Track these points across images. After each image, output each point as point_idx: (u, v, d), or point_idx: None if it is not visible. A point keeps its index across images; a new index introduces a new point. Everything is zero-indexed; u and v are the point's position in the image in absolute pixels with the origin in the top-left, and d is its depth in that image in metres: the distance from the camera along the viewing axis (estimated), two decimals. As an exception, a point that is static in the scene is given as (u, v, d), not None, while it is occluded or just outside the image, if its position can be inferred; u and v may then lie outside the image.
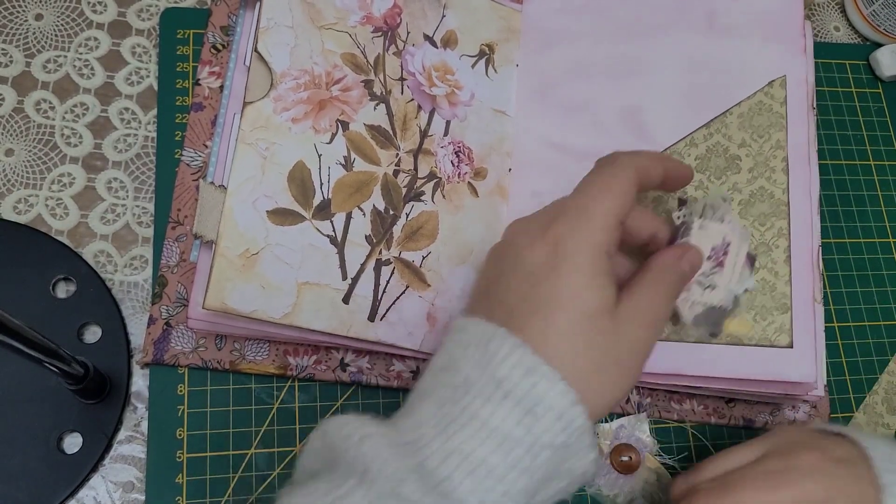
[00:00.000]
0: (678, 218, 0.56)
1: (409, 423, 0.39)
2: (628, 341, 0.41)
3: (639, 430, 0.59)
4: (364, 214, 0.55)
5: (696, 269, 0.48)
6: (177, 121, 0.61)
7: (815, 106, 0.63)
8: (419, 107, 0.59)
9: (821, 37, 0.75)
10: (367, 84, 0.57)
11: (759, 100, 0.61)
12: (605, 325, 0.40)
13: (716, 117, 0.61)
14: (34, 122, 0.60)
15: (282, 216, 0.53)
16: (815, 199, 0.60)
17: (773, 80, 0.62)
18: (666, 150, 0.61)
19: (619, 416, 0.59)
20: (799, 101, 0.61)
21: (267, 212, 0.52)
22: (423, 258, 0.57)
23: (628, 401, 0.60)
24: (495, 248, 0.45)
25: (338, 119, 0.56)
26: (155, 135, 0.61)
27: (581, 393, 0.38)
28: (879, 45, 0.74)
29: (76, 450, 0.54)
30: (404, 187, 0.57)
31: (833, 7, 0.77)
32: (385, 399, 0.58)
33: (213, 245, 0.51)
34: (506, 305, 0.41)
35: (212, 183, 0.53)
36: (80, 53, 0.62)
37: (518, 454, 0.37)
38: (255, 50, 0.54)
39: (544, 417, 0.37)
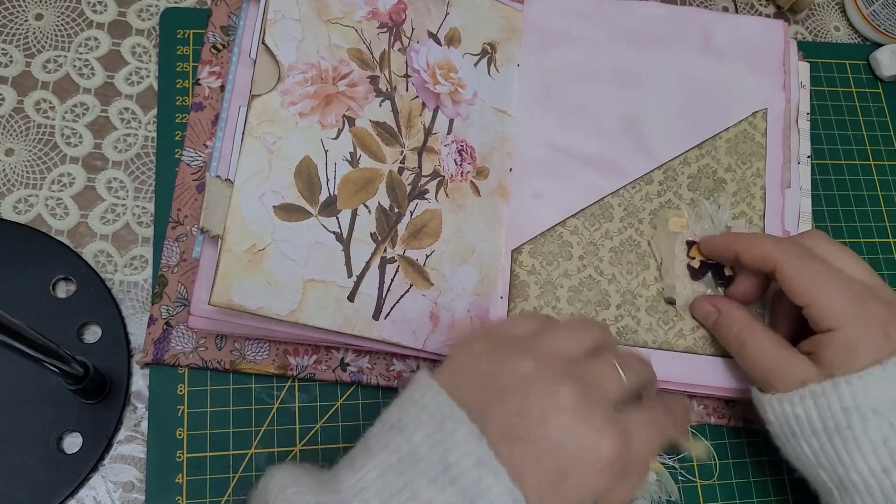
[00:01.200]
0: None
1: (350, 483, 0.39)
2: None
3: None
4: (369, 212, 0.55)
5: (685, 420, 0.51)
6: (177, 121, 0.61)
7: (798, 122, 0.65)
8: (423, 104, 0.59)
9: (821, 37, 0.76)
10: (373, 80, 0.57)
11: (744, 128, 0.64)
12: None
13: (707, 139, 0.64)
14: (34, 122, 0.60)
15: (288, 212, 0.52)
16: (789, 227, 0.63)
17: (756, 112, 0.64)
18: (662, 165, 0.63)
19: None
20: (777, 132, 0.64)
21: (274, 207, 0.52)
22: (427, 257, 0.57)
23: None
24: (500, 325, 0.46)
25: (344, 115, 0.55)
26: (155, 135, 0.61)
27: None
28: (879, 45, 0.74)
29: (76, 450, 0.53)
30: (409, 185, 0.57)
31: (833, 7, 0.77)
32: (385, 399, 0.58)
33: (219, 240, 0.50)
34: (480, 394, 0.41)
35: (218, 177, 0.52)
36: (80, 53, 0.62)
37: None
38: (263, 42, 0.53)
39: None
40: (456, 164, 0.59)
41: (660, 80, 0.65)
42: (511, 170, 0.62)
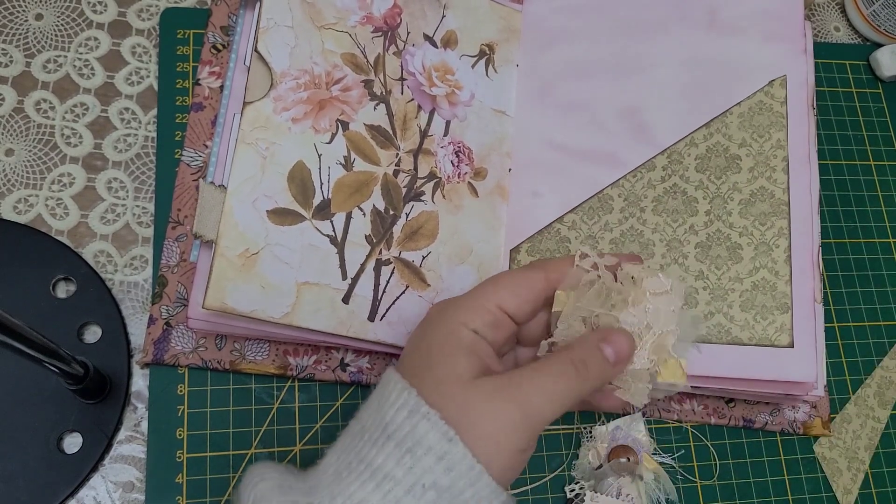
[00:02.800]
0: (571, 490, 0.58)
1: (314, 472, 0.41)
2: (484, 414, 0.40)
3: (635, 431, 0.59)
4: (364, 214, 0.55)
5: (622, 352, 0.44)
6: (177, 121, 0.61)
7: (815, 106, 0.63)
8: (419, 107, 0.59)
9: (821, 37, 0.75)
10: (367, 84, 0.57)
11: (760, 99, 0.61)
12: (460, 396, 0.40)
13: (716, 117, 0.62)
14: (34, 122, 0.60)
15: (282, 216, 0.53)
16: (815, 198, 0.60)
17: (773, 80, 0.62)
18: (665, 150, 0.61)
19: (616, 416, 0.59)
20: (799, 100, 0.61)
21: (267, 211, 0.52)
22: (423, 258, 0.57)
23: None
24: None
25: (338, 119, 0.56)
26: (155, 135, 0.61)
27: (471, 442, 0.38)
28: (879, 46, 0.74)
29: (76, 450, 0.54)
30: (404, 187, 0.57)
31: (833, 7, 0.77)
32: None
33: (213, 245, 0.51)
34: (406, 362, 0.43)
35: (212, 183, 0.53)
36: (80, 53, 0.62)
37: (397, 495, 0.38)
38: (255, 50, 0.54)
39: (424, 457, 0.38)
40: (453, 165, 0.59)
41: (661, 66, 0.64)
42: (510, 170, 0.62)
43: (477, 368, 0.41)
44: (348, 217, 0.55)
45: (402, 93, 0.59)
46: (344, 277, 0.54)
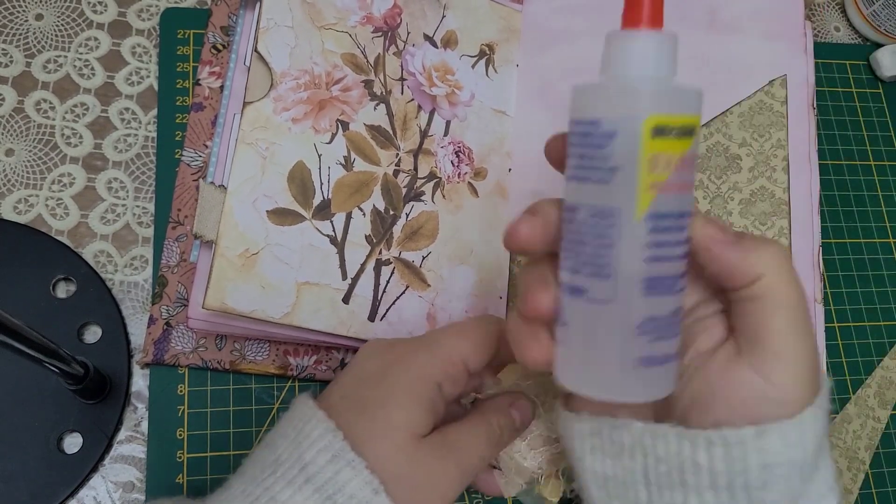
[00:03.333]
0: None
1: (216, 500, 0.39)
2: (429, 472, 0.39)
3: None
4: (364, 214, 0.55)
5: (525, 421, 0.44)
6: (177, 121, 0.61)
7: (815, 106, 0.64)
8: (419, 107, 0.59)
9: (821, 37, 0.75)
10: (367, 84, 0.57)
11: (760, 99, 0.61)
12: (410, 448, 0.39)
13: (716, 116, 0.62)
14: (34, 122, 0.60)
15: (282, 216, 0.53)
16: (815, 198, 0.60)
17: (773, 80, 0.62)
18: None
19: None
20: (800, 100, 0.61)
21: (267, 212, 0.52)
22: (423, 258, 0.57)
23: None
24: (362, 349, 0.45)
25: (338, 119, 0.56)
26: (155, 135, 0.61)
27: (404, 497, 0.37)
28: (879, 46, 0.74)
29: (76, 450, 0.54)
30: (404, 187, 0.57)
31: (833, 7, 0.77)
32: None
33: (213, 245, 0.51)
34: (340, 398, 0.41)
35: (212, 183, 0.53)
36: (81, 53, 0.62)
37: None
38: (255, 50, 0.54)
39: None
40: (453, 165, 0.59)
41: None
42: (510, 170, 0.62)
43: (430, 425, 0.40)
44: (348, 217, 0.55)
45: (402, 93, 0.59)
46: (344, 277, 0.54)
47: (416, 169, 0.58)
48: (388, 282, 0.55)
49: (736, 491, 0.34)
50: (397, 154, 0.58)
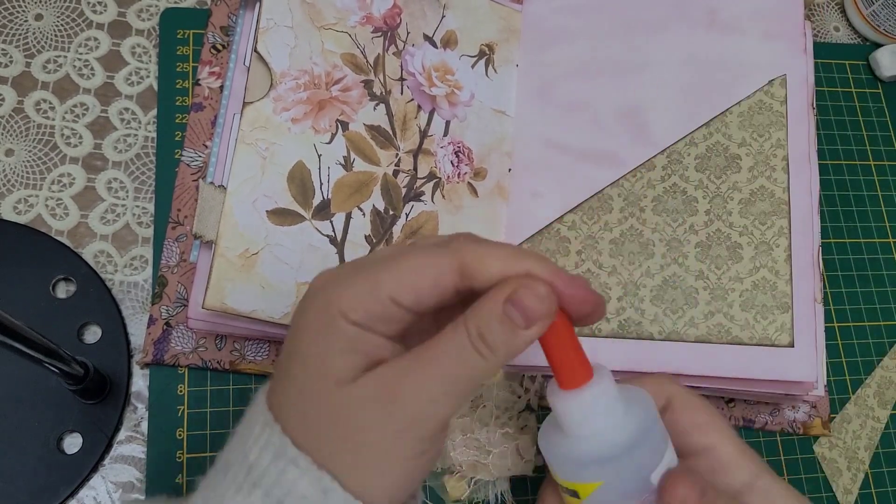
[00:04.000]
0: None
1: None
2: (360, 424, 0.33)
3: None
4: (364, 214, 0.55)
5: (539, 315, 0.34)
6: (177, 121, 0.61)
7: (814, 105, 0.64)
8: (419, 107, 0.59)
9: (821, 37, 0.75)
10: (367, 84, 0.57)
11: (760, 98, 0.61)
12: (332, 398, 0.33)
13: (715, 116, 0.62)
14: (34, 122, 0.60)
15: (281, 216, 0.53)
16: (815, 197, 0.60)
17: (773, 79, 0.62)
18: (665, 150, 0.61)
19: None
20: (799, 100, 0.61)
21: (267, 212, 0.52)
22: (423, 258, 0.57)
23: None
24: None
25: (337, 119, 0.56)
26: (155, 135, 0.61)
27: (348, 473, 0.32)
28: (879, 46, 0.74)
29: (76, 450, 0.54)
30: (404, 187, 0.57)
31: (833, 7, 0.77)
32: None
33: (213, 245, 0.51)
34: (276, 372, 0.36)
35: (211, 183, 0.53)
36: (80, 53, 0.62)
37: None
38: (255, 50, 0.54)
39: None
40: (453, 165, 0.59)
41: (661, 65, 0.64)
42: (510, 170, 0.62)
43: (356, 367, 0.33)
44: (348, 217, 0.55)
45: (401, 93, 0.59)
46: (344, 277, 0.54)
47: (415, 169, 0.58)
48: (387, 282, 0.55)
49: None
50: (397, 154, 0.58)
